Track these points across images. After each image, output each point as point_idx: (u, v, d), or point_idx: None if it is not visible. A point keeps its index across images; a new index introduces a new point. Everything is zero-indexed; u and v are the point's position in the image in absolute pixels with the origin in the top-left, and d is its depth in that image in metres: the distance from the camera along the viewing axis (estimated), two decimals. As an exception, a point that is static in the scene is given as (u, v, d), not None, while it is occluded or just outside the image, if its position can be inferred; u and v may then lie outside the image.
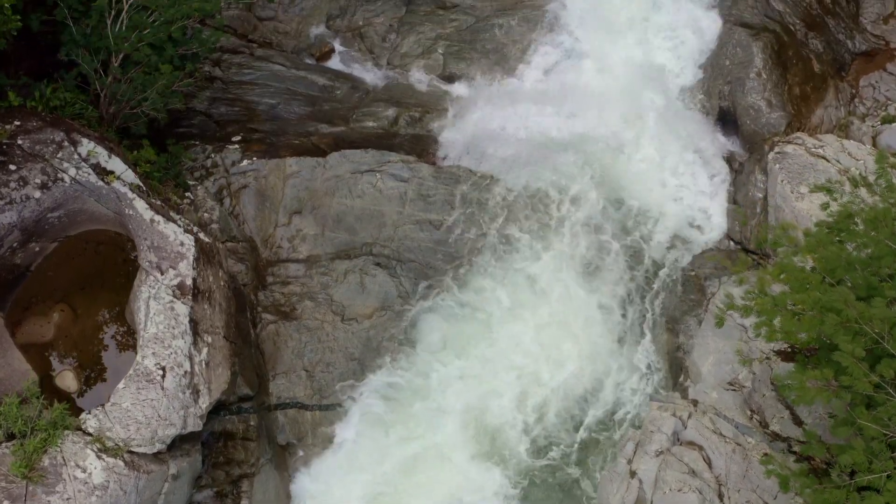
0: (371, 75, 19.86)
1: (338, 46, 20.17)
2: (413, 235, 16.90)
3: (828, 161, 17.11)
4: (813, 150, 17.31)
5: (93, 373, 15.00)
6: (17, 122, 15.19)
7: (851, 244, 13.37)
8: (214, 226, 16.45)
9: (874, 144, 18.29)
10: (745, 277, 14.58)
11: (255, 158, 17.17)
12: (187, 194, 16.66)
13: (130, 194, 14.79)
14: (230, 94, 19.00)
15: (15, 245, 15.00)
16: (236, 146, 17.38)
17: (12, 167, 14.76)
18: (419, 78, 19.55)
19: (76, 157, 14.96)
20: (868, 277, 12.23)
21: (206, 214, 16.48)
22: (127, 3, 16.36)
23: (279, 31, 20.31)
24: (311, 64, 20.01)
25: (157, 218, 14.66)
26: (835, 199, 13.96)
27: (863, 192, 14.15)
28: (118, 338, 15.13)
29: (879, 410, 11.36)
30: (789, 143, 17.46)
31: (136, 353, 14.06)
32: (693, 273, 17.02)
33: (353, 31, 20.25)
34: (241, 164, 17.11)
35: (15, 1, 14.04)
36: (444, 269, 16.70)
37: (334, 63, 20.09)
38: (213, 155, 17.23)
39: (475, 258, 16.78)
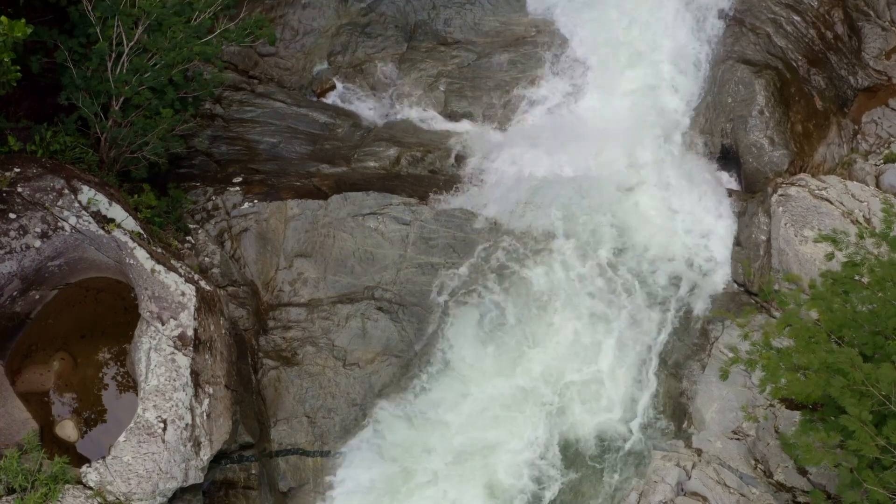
0: (372, 112, 19.80)
1: (339, 83, 20.11)
2: (415, 279, 16.82)
3: (831, 203, 17.04)
4: (816, 191, 17.23)
5: (93, 422, 14.90)
6: (17, 169, 15.11)
7: (857, 296, 13.30)
8: (215, 270, 16.37)
9: (877, 185, 18.23)
10: (749, 330, 14.53)
11: (256, 201, 17.09)
12: (188, 238, 16.58)
13: (131, 243, 14.71)
14: (231, 132, 18.93)
15: (15, 294, 14.91)
16: (237, 188, 17.30)
17: (12, 216, 14.68)
18: (421, 115, 19.50)
19: (76, 204, 14.88)
20: (874, 336, 12.16)
21: (206, 258, 16.40)
22: (127, 45, 16.32)
23: (280, 66, 20.26)
24: (313, 100, 19.96)
25: (158, 268, 14.58)
26: (840, 249, 13.88)
27: (868, 241, 14.06)
28: (119, 386, 15.05)
29: (886, 474, 11.28)
30: (792, 184, 17.38)
31: (137, 404, 13.98)
32: (697, 317, 16.92)
33: (355, 67, 20.20)
34: (242, 207, 17.03)
35: (13, 56, 13.92)
36: (443, 313, 16.60)
37: (335, 99, 20.03)
38: (213, 197, 17.15)
39: (476, 304, 16.67)
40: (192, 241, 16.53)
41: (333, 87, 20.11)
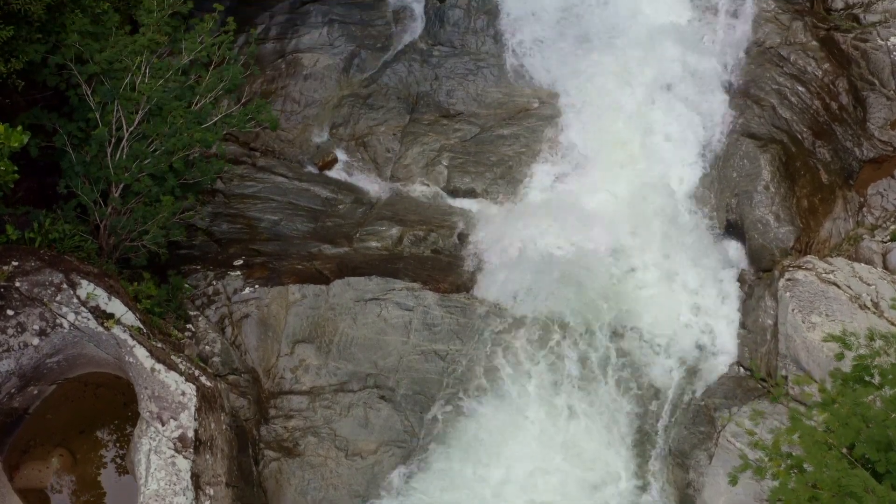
0: (375, 187, 19.63)
1: (341, 156, 19.95)
2: (418, 367, 16.61)
3: (839, 288, 16.86)
4: (824, 275, 17.05)
5: (92, 520, 14.70)
6: (16, 263, 14.94)
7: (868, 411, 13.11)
8: (216, 359, 16.17)
9: (885, 264, 18.05)
10: (759, 419, 14.34)
11: (257, 286, 16.90)
12: (188, 326, 16.38)
13: (131, 341, 14.52)
14: (232, 209, 18.76)
15: (13, 390, 14.73)
16: (238, 272, 17.12)
17: (10, 312, 14.50)
18: (423, 191, 19.33)
19: (75, 300, 14.70)
20: (886, 453, 11.95)
21: (207, 347, 16.20)
22: (127, 130, 16.18)
23: (282, 139, 20.11)
24: (315, 173, 19.79)
25: (158, 366, 14.39)
26: (849, 349, 13.70)
27: (878, 342, 13.86)
28: (118, 485, 14.83)
29: None
30: (800, 268, 17.20)
31: (137, 505, 13.78)
32: (702, 403, 16.71)
33: (357, 139, 20.04)
34: (244, 292, 16.84)
35: (12, 167, 13.81)
36: (446, 402, 16.39)
37: (337, 172, 19.86)
38: (214, 282, 16.97)
39: (478, 391, 16.47)
40: (193, 330, 16.33)
41: (335, 160, 19.94)
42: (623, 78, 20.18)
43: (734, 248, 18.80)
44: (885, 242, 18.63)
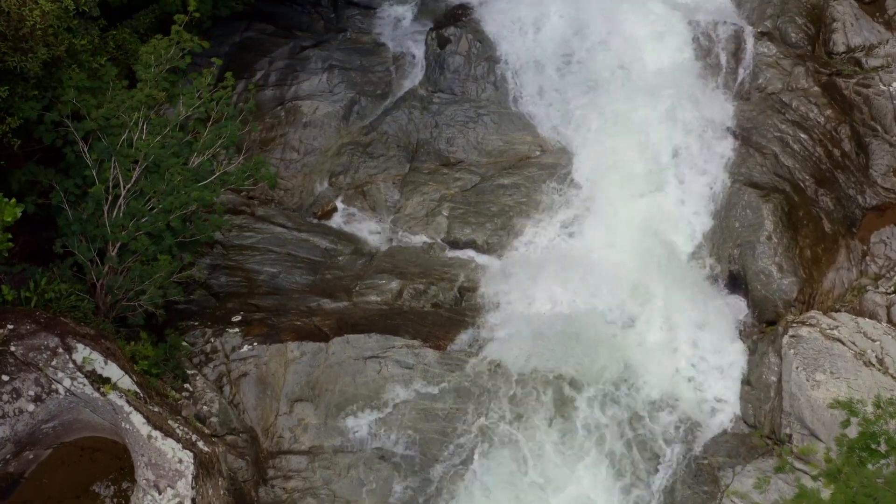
0: (375, 237, 19.49)
1: (340, 205, 19.80)
2: (418, 426, 16.41)
3: (844, 344, 16.70)
4: (828, 331, 16.89)
5: (87, 588, 14.48)
6: (11, 326, 14.76)
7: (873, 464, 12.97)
8: (214, 419, 15.97)
9: (889, 319, 17.88)
10: (764, 480, 14.17)
11: (255, 343, 16.72)
12: (186, 385, 16.19)
13: (127, 407, 14.33)
14: (230, 261, 18.61)
15: (8, 456, 14.53)
16: (236, 329, 16.93)
17: (5, 377, 14.33)
18: (423, 242, 19.18)
19: (71, 365, 14.52)
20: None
21: (205, 407, 16.01)
22: (124, 188, 16.03)
23: (281, 187, 19.98)
24: (314, 223, 19.64)
25: (155, 433, 14.20)
26: (855, 415, 13.53)
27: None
28: (114, 553, 14.63)
29: None
30: (803, 324, 17.04)
31: (133, 576, 13.58)
32: (706, 461, 16.52)
33: (356, 188, 19.90)
34: (242, 350, 16.66)
35: (6, 236, 13.69)
36: (447, 463, 16.19)
37: (337, 222, 19.72)
38: (212, 339, 16.79)
39: (478, 450, 16.27)
40: (191, 389, 16.15)
41: (335, 210, 19.79)
42: (624, 126, 20.07)
43: (737, 300, 18.65)
44: (890, 294, 18.46)
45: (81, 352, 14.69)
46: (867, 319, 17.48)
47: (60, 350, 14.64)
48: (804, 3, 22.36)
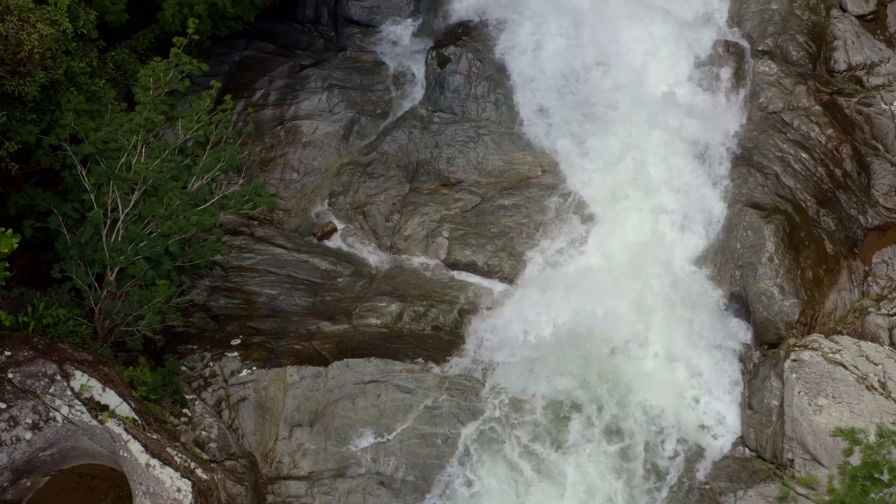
0: (374, 257, 19.40)
1: (340, 225, 19.73)
2: (418, 451, 16.31)
3: (846, 368, 16.60)
4: (830, 355, 16.80)
5: None
6: (8, 353, 14.68)
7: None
8: (213, 444, 15.87)
9: (891, 341, 17.79)
10: None
11: (254, 368, 16.64)
12: (185, 410, 16.10)
13: (125, 435, 14.24)
14: (230, 282, 18.52)
15: (5, 484, 14.43)
16: (236, 353, 16.85)
17: (2, 405, 14.25)
18: (423, 263, 19.10)
19: (69, 392, 14.44)
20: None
21: (203, 432, 15.91)
22: (123, 212, 15.97)
23: (281, 208, 19.89)
24: (314, 243, 19.56)
25: (153, 462, 14.11)
26: (858, 445, 13.45)
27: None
28: (112, 581, 14.53)
29: None
30: (805, 347, 16.95)
31: None
32: (707, 486, 16.43)
33: (356, 208, 19.82)
34: (241, 374, 16.58)
35: (3, 265, 13.63)
36: (447, 489, 16.09)
37: (336, 242, 19.63)
38: (211, 363, 16.70)
39: (480, 477, 16.17)
40: (189, 414, 16.05)
41: (335, 230, 19.71)
42: (625, 146, 19.99)
43: (738, 322, 18.52)
44: (892, 316, 18.36)
45: (79, 378, 14.60)
46: (869, 343, 17.39)
47: (58, 377, 14.55)
48: (805, 21, 22.28)
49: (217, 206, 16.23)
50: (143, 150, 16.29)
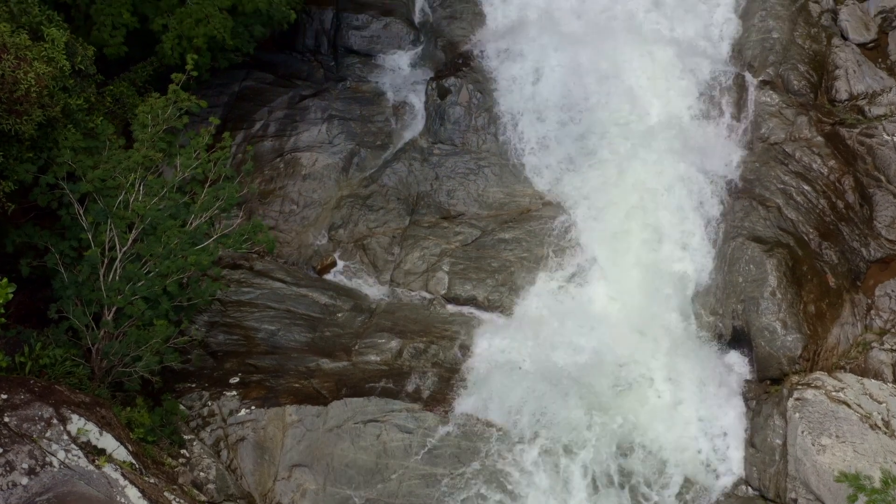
0: (374, 290, 19.28)
1: (340, 259, 19.60)
2: (419, 491, 16.17)
3: (849, 407, 16.48)
4: (833, 393, 16.67)
5: None
6: (4, 396, 14.52)
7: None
8: (211, 485, 15.74)
9: (894, 378, 17.67)
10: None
11: (253, 407, 16.50)
12: (182, 451, 15.96)
13: (122, 480, 14.09)
14: (229, 317, 18.40)
15: (1, 529, 14.27)
16: (234, 392, 16.72)
17: (-1, 450, 14.08)
18: (423, 298, 18.98)
19: (66, 437, 14.28)
20: None
21: (202, 473, 15.78)
22: (121, 251, 15.86)
23: (280, 241, 19.77)
24: (313, 277, 19.44)
25: (151, 508, 13.96)
26: (862, 491, 13.33)
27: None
28: None
29: None
30: (808, 386, 16.82)
31: None
32: (709, 527, 16.30)
33: (356, 242, 19.70)
34: (240, 414, 16.45)
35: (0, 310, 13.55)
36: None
37: (336, 276, 19.51)
38: (209, 403, 16.57)
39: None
40: (188, 455, 15.91)
41: (334, 264, 19.60)
42: (627, 179, 19.88)
43: (741, 357, 18.41)
44: (895, 352, 18.25)
45: (76, 422, 14.46)
46: (873, 380, 17.27)
47: (55, 421, 14.40)
48: (806, 50, 22.22)
49: (215, 244, 16.09)
50: (141, 188, 16.18)
